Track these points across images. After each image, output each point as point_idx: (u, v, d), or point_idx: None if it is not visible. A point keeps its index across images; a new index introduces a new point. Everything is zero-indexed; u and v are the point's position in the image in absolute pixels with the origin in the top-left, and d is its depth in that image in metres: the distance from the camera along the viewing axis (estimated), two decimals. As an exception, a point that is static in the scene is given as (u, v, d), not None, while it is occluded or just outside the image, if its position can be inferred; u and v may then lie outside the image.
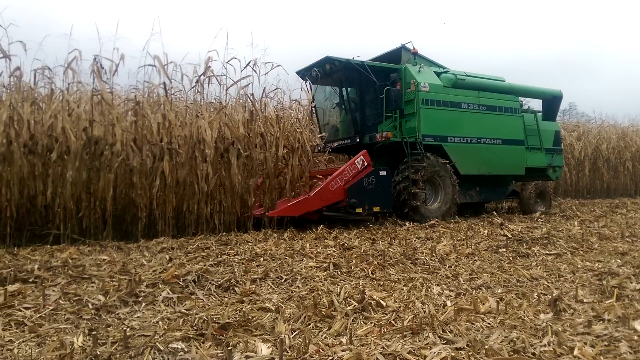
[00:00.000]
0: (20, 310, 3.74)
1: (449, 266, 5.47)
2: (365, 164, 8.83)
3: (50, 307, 3.80)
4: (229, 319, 3.48)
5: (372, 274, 5.01)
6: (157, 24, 16.62)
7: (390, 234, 7.72)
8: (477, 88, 10.88)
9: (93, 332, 3.16)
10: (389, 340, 3.13)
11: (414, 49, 10.56)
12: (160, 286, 4.33)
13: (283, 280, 4.77)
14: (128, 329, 3.28)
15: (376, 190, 8.75)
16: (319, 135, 10.38)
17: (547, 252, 6.37)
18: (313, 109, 11.28)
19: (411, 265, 5.46)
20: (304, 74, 10.53)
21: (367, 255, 5.85)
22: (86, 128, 7.19)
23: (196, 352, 2.91)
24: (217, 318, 3.51)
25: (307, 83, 10.65)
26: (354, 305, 3.82)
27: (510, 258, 6.03)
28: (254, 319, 3.54)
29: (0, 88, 7.46)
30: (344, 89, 10.62)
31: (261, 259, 5.64)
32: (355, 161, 8.78)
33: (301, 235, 7.44)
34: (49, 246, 6.40)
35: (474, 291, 4.45)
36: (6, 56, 7.02)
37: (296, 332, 3.30)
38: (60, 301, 3.94)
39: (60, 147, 6.92)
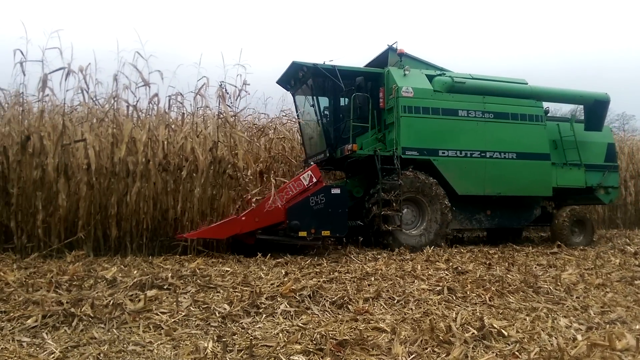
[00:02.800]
0: (157, 315, 4.12)
1: (576, 297, 5.05)
2: (315, 180, 7.63)
3: (183, 313, 4.14)
4: (345, 336, 3.53)
5: (489, 300, 4.79)
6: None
7: (507, 259, 7.32)
8: (483, 92, 9.28)
9: (223, 339, 3.40)
10: (513, 372, 2.97)
11: (400, 49, 9.27)
12: (279, 299, 4.53)
13: (395, 301, 4.74)
14: (252, 339, 3.47)
15: (326, 211, 7.44)
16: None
17: (696, 287, 5.62)
18: (298, 122, 10.51)
19: (533, 294, 5.13)
20: (282, 84, 9.86)
21: (483, 280, 5.61)
22: (212, 148, 7.80)
23: (316, 367, 2.99)
24: (333, 334, 3.59)
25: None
26: (473, 333, 3.67)
27: (649, 292, 5.41)
28: (370, 338, 3.56)
29: (139, 112, 8.37)
30: (316, 97, 9.41)
31: (372, 278, 5.67)
32: (301, 177, 7.65)
33: (411, 257, 7.34)
34: (178, 256, 6.98)
35: (607, 326, 4.06)
36: (147, 84, 7.88)
37: (413, 356, 3.26)
38: (191, 308, 4.29)
39: (189, 166, 7.58)
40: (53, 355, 3.17)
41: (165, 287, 4.93)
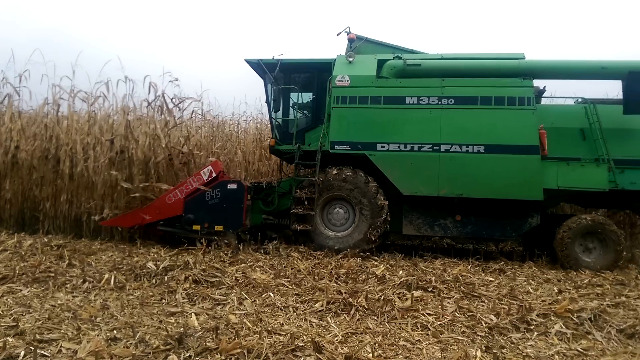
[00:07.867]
0: (424, 315, 4.28)
1: None
2: (214, 174, 7.69)
3: (448, 318, 4.20)
4: (640, 372, 3.02)
5: None
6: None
7: None
8: (445, 74, 7.56)
9: (493, 351, 3.31)
10: None
11: (351, 34, 8.25)
12: (552, 318, 4.17)
13: None
14: (525, 356, 3.28)
15: (221, 206, 7.59)
16: None
17: None
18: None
19: None
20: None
21: None
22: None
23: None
24: (623, 368, 3.11)
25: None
26: None
27: None
28: (676, 381, 2.96)
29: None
30: (267, 92, 8.86)
31: (675, 309, 4.68)
32: (202, 171, 7.76)
33: None
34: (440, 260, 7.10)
35: None
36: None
37: None
38: (456, 314, 4.31)
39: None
40: (337, 338, 3.62)
41: (429, 289, 5.09)
